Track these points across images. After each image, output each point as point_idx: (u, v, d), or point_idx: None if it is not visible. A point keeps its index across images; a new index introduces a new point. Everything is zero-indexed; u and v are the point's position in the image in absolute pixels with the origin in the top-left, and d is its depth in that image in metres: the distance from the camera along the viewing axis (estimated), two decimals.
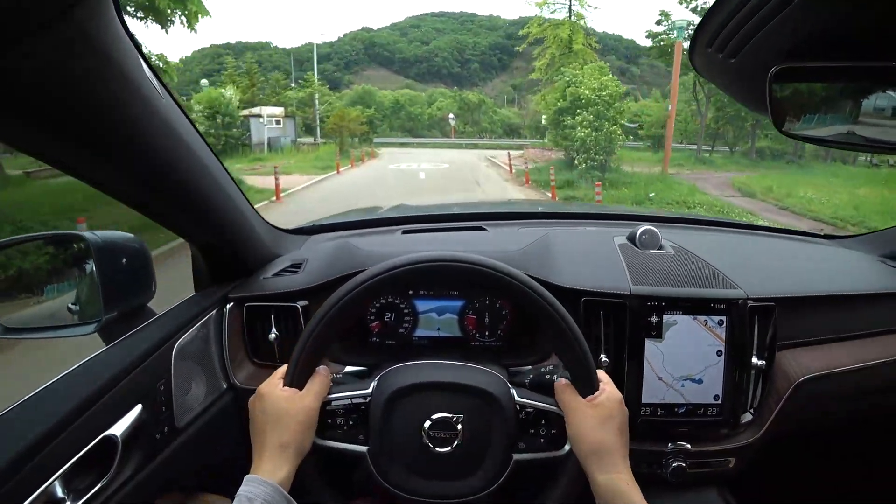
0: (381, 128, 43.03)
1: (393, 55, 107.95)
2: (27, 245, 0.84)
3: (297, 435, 0.63)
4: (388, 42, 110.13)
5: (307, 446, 0.64)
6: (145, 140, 0.61)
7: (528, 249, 1.04)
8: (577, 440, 0.64)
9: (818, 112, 0.53)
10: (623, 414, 0.66)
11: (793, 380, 0.93)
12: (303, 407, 0.64)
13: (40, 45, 0.42)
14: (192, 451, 0.82)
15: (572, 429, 0.65)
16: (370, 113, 39.66)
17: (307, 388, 0.66)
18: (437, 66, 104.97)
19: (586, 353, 0.66)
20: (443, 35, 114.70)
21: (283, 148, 22.83)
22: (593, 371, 0.67)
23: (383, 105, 48.51)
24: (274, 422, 0.63)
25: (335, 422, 0.67)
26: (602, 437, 0.63)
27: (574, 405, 0.65)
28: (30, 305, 0.83)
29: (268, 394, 0.65)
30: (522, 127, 42.28)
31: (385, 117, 46.28)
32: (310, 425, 0.64)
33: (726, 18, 0.45)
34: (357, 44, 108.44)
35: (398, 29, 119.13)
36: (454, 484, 0.67)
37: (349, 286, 0.65)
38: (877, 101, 0.49)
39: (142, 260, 0.84)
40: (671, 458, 0.90)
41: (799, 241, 1.35)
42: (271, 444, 0.62)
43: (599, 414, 0.64)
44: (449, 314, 1.00)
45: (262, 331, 0.97)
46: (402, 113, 49.01)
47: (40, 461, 0.57)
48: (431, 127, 47.83)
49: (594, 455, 0.63)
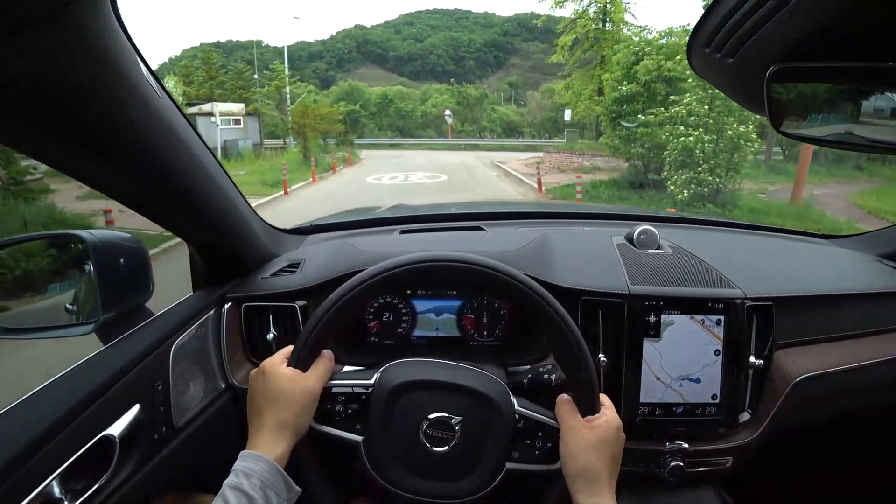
0: (368, 127, 39.17)
1: (386, 53, 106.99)
2: (32, 247, 0.84)
3: (296, 415, 0.63)
4: (382, 39, 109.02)
5: (305, 428, 0.64)
6: (143, 140, 0.60)
7: (527, 249, 1.04)
8: (568, 459, 0.64)
9: (816, 112, 0.53)
10: (619, 441, 0.66)
11: (790, 379, 0.93)
12: (305, 388, 0.64)
13: (37, 43, 0.42)
14: (190, 451, 0.82)
15: (565, 446, 0.65)
16: (350, 108, 35.90)
17: (311, 370, 0.66)
18: (432, 64, 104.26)
19: (592, 377, 0.66)
20: (437, 32, 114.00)
21: (242, 153, 17.72)
22: (597, 393, 0.67)
23: (370, 102, 43.95)
24: (274, 399, 0.63)
25: (334, 408, 0.67)
26: (593, 461, 0.63)
27: (571, 423, 0.65)
28: (27, 305, 0.83)
29: (271, 371, 0.65)
30: (523, 125, 39.63)
31: (372, 115, 42.24)
32: (309, 407, 0.64)
33: (724, 18, 0.45)
34: (350, 41, 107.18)
35: (392, 26, 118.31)
36: (445, 484, 0.67)
37: (364, 276, 0.66)
38: (875, 101, 0.49)
39: (140, 260, 0.83)
40: (669, 458, 0.90)
41: (796, 240, 1.35)
42: (269, 420, 0.62)
43: (595, 437, 0.64)
44: (447, 314, 1.00)
45: (260, 331, 0.97)
46: (390, 109, 44.24)
47: (38, 461, 0.56)
48: (425, 125, 43.30)
49: (581, 478, 0.62)
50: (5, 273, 0.83)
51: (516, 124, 41.37)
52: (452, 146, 31.78)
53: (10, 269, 0.83)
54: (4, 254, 0.81)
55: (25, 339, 0.84)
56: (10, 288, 0.85)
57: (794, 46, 0.45)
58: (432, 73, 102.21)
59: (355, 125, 35.34)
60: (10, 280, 0.89)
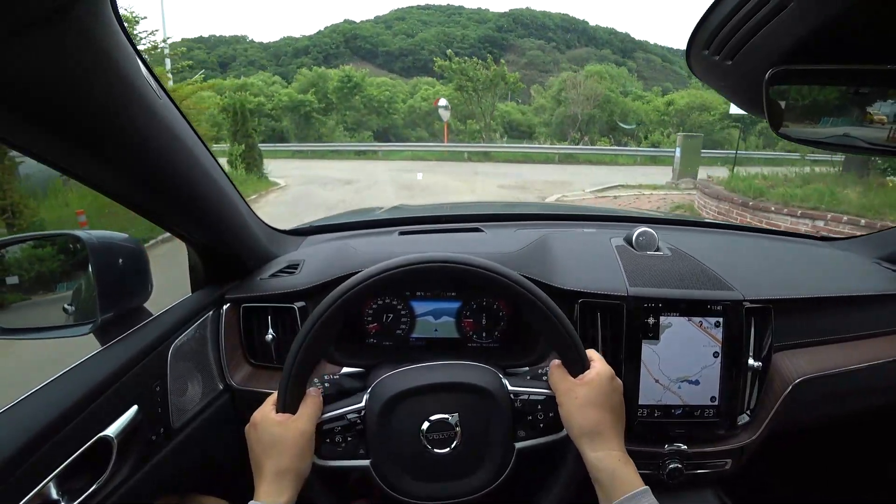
0: (327, 124, 25.54)
1: (376, 48, 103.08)
2: (41, 250, 0.83)
3: (294, 460, 0.62)
4: (372, 34, 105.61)
5: (307, 470, 0.64)
6: (143, 140, 0.60)
7: (525, 251, 1.04)
8: (570, 421, 0.64)
9: (815, 114, 0.53)
10: (615, 390, 0.66)
11: (789, 381, 0.93)
12: (297, 431, 0.63)
13: (37, 43, 0.42)
14: (188, 452, 0.82)
15: (564, 409, 0.65)
16: (255, 101, 22.35)
17: (300, 409, 0.65)
18: (424, 60, 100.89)
19: (571, 333, 0.65)
20: (429, 28, 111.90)
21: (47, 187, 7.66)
22: (581, 349, 0.66)
23: (328, 91, 27.67)
24: (269, 449, 0.63)
25: (333, 440, 0.67)
26: (593, 416, 0.63)
27: (564, 386, 0.65)
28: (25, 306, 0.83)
29: (262, 421, 0.64)
30: (536, 126, 28.08)
31: (325, 110, 26.59)
32: (306, 449, 0.64)
33: (723, 21, 0.46)
34: (337, 36, 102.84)
35: (382, 21, 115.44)
36: (462, 482, 0.67)
37: (323, 306, 0.64)
38: (874, 103, 0.49)
39: (138, 260, 0.83)
40: (668, 460, 0.90)
41: (795, 243, 1.36)
42: (269, 471, 0.62)
43: (590, 392, 0.64)
44: (446, 316, 1.00)
45: (258, 332, 0.97)
46: (354, 98, 27.65)
47: (35, 462, 0.56)
48: (413, 124, 30.21)
49: (585, 435, 0.63)
50: (12, 273, 0.82)
51: (521, 124, 30.62)
52: (450, 154, 19.26)
53: (22, 268, 0.82)
54: (6, 253, 0.81)
55: (23, 339, 0.84)
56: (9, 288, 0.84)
57: (792, 49, 0.45)
58: (424, 69, 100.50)
59: (306, 123, 24.58)
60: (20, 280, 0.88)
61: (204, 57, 25.25)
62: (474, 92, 22.82)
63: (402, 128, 30.26)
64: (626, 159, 18.12)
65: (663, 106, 25.89)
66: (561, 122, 25.02)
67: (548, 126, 26.20)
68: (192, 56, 22.36)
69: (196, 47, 66.16)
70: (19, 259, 0.82)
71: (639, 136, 22.98)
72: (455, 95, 23.72)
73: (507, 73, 23.26)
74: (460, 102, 24.13)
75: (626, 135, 20.75)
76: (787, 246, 1.32)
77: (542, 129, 26.98)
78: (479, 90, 22.82)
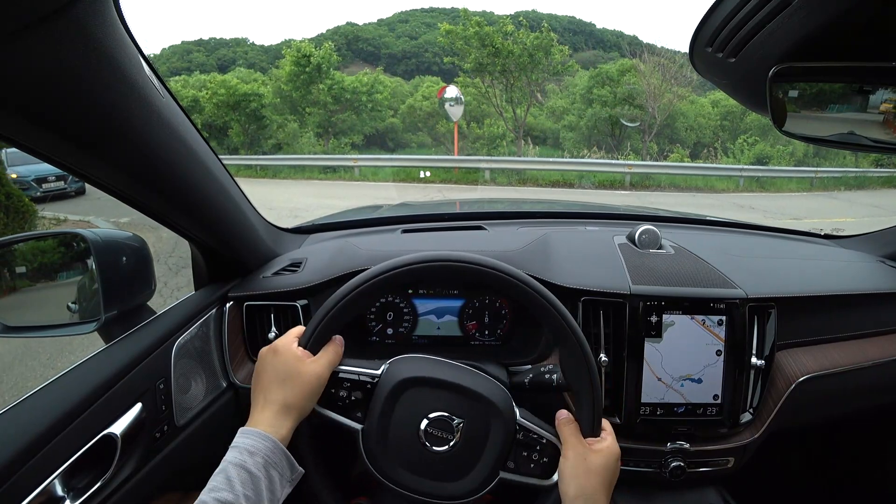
0: (286, 127, 16.03)
1: (378, 50, 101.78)
2: (44, 245, 0.84)
3: (302, 399, 0.63)
4: (374, 36, 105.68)
5: (308, 411, 0.64)
6: (146, 139, 0.61)
7: (528, 249, 1.04)
8: (570, 480, 0.63)
9: (818, 112, 0.53)
10: (617, 470, 0.66)
11: (792, 380, 0.93)
12: (313, 372, 0.64)
13: (40, 42, 0.42)
14: (192, 449, 0.82)
15: (569, 466, 0.64)
16: (188, 96, 15.51)
17: (321, 353, 0.66)
18: (427, 63, 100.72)
19: (599, 399, 0.66)
20: (433, 30, 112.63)
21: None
22: (601, 417, 0.66)
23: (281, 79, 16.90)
24: (283, 380, 0.63)
25: (338, 393, 0.67)
26: (595, 485, 0.62)
27: (574, 443, 0.65)
28: (30, 304, 0.83)
29: (283, 351, 0.65)
30: (563, 132, 18.30)
31: (276, 106, 16.83)
32: (316, 391, 0.64)
33: (726, 18, 0.45)
34: (339, 38, 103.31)
35: (385, 24, 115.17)
36: (437, 484, 0.66)
37: (384, 267, 0.66)
38: (877, 100, 0.49)
39: (142, 259, 0.84)
40: (670, 458, 0.90)
41: (799, 241, 1.35)
42: (276, 400, 0.62)
43: (596, 461, 0.64)
44: (448, 314, 1.00)
45: (261, 329, 0.97)
46: (317, 88, 16.25)
47: (40, 459, 0.57)
48: (413, 129, 22.41)
49: (581, 499, 0.62)
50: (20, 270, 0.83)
51: (535, 129, 21.17)
52: (462, 173, 11.29)
53: (28, 263, 0.83)
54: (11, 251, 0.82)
55: (28, 337, 0.84)
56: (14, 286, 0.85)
57: (795, 46, 0.45)
58: (428, 72, 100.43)
59: (257, 126, 16.36)
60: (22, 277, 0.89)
61: (203, 59, 24.52)
62: (502, 74, 13.82)
63: (406, 131, 23.16)
64: (725, 182, 11.09)
65: (710, 108, 19.24)
66: (594, 125, 16.51)
67: (573, 130, 17.97)
68: (191, 59, 21.12)
69: (196, 49, 65.30)
70: (42, 256, 0.83)
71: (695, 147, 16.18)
72: (470, 83, 15.11)
73: (556, 44, 14.30)
74: (477, 94, 15.59)
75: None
76: (791, 244, 1.32)
77: (567, 134, 18.56)
78: (511, 70, 13.66)
